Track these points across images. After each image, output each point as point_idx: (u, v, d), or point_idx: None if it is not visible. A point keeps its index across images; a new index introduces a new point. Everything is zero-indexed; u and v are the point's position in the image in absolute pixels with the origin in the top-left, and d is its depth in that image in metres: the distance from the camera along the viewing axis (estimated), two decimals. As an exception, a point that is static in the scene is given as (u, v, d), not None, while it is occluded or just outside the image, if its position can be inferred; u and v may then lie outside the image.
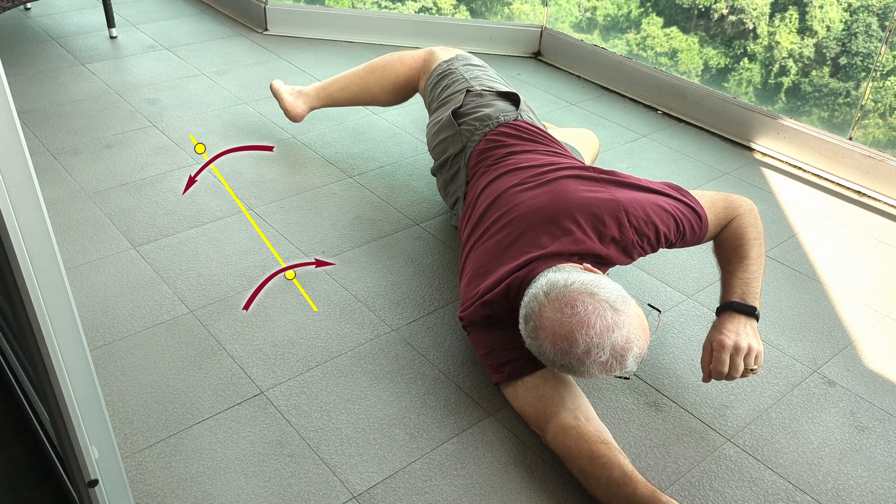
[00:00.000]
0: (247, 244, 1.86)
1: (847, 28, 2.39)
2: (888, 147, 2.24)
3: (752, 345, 1.38)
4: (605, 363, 1.23)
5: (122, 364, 1.50)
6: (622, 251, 1.43)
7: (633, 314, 1.26)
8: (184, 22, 3.18)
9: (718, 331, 1.41)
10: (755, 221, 1.54)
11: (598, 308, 1.23)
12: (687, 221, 1.48)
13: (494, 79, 1.92)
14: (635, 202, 1.44)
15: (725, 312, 1.44)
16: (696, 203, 1.51)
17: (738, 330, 1.40)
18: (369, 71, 2.13)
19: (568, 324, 1.23)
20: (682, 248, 1.55)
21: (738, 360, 1.37)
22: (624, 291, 1.29)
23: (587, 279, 1.27)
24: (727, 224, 1.54)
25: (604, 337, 1.22)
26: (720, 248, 1.55)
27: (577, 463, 1.27)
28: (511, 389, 1.41)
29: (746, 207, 1.55)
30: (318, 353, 1.55)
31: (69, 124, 2.34)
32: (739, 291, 1.46)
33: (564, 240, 1.41)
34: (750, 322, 1.42)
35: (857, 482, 1.34)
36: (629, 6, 2.95)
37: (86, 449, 0.91)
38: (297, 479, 1.29)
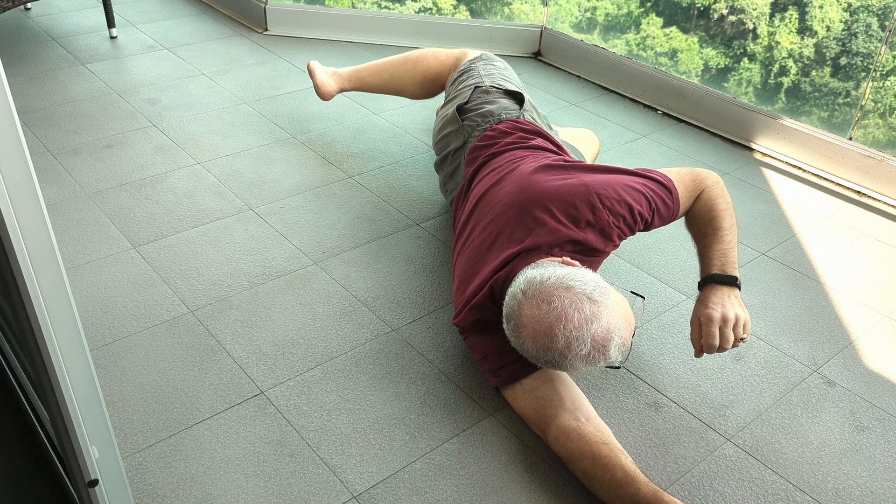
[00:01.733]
0: (247, 244, 1.86)
1: (847, 28, 2.39)
2: (888, 147, 2.24)
3: (738, 314, 1.39)
4: (587, 356, 1.23)
5: (122, 364, 1.50)
6: (600, 234, 1.42)
7: (612, 304, 1.25)
8: (184, 22, 3.18)
9: (704, 304, 1.42)
10: (723, 192, 1.54)
11: (575, 301, 1.23)
12: (658, 197, 1.48)
13: (508, 79, 1.92)
14: (605, 184, 1.44)
15: (708, 285, 1.45)
16: (664, 178, 1.51)
17: (724, 301, 1.40)
18: (403, 61, 2.15)
19: (546, 319, 1.23)
20: (660, 226, 1.53)
21: (727, 332, 1.37)
22: (602, 281, 1.28)
23: (563, 273, 1.27)
24: (697, 197, 1.54)
25: (583, 329, 1.22)
26: (693, 222, 1.55)
27: (580, 465, 1.27)
28: (510, 392, 1.42)
29: (713, 179, 1.55)
30: (318, 353, 1.55)
31: (69, 124, 2.34)
32: (718, 263, 1.46)
33: (539, 231, 1.41)
34: (733, 292, 1.43)
35: (857, 482, 1.34)
36: (629, 6, 2.95)
37: (86, 449, 0.91)
38: (297, 479, 1.29)
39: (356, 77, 2.23)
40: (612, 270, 1.84)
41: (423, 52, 2.13)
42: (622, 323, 1.25)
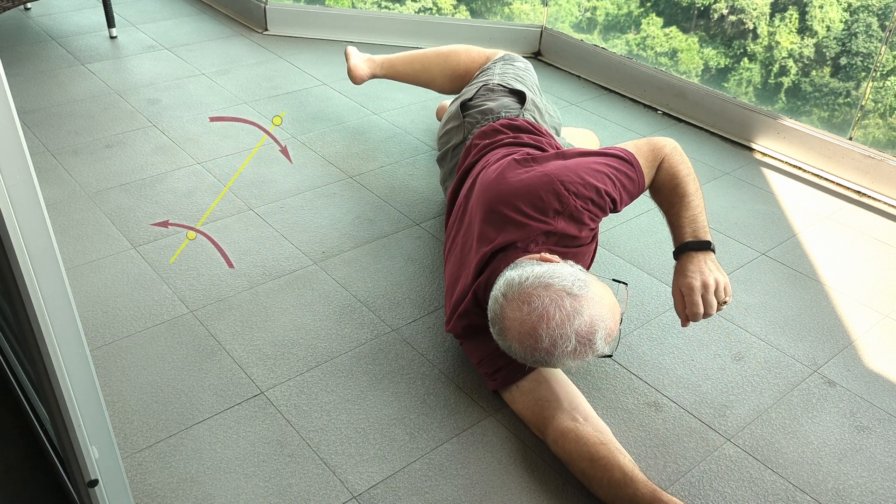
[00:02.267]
0: (247, 244, 1.86)
1: (847, 28, 2.39)
2: (888, 147, 2.24)
3: (717, 278, 1.40)
4: (573, 351, 1.23)
5: (122, 364, 1.50)
6: (571, 220, 1.41)
7: (593, 295, 1.25)
8: (184, 22, 3.18)
9: (682, 274, 1.42)
10: (683, 158, 1.54)
11: (554, 299, 1.23)
12: (621, 173, 1.47)
13: (522, 79, 1.91)
14: (566, 170, 1.44)
15: (683, 254, 1.45)
16: (624, 152, 1.51)
17: (701, 268, 1.41)
18: (436, 55, 2.16)
19: (528, 321, 1.23)
20: (630, 202, 1.52)
21: (709, 298, 1.38)
22: (582, 274, 1.28)
23: (541, 271, 1.27)
24: (659, 167, 1.53)
25: (565, 326, 1.22)
26: (658, 192, 1.55)
27: (579, 466, 1.28)
28: (509, 395, 1.42)
29: (671, 147, 1.55)
30: (318, 353, 1.55)
31: (69, 124, 2.34)
32: (690, 230, 1.46)
33: (509, 228, 1.41)
34: (708, 256, 1.43)
35: (857, 482, 1.34)
36: (629, 6, 2.95)
37: (86, 449, 0.91)
38: (297, 479, 1.29)
39: (388, 65, 2.25)
40: (611, 270, 1.84)
41: (457, 47, 2.14)
42: (606, 313, 1.25)
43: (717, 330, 1.67)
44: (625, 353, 1.59)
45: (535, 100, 1.84)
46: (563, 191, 1.40)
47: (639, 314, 1.70)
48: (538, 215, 1.40)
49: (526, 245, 1.39)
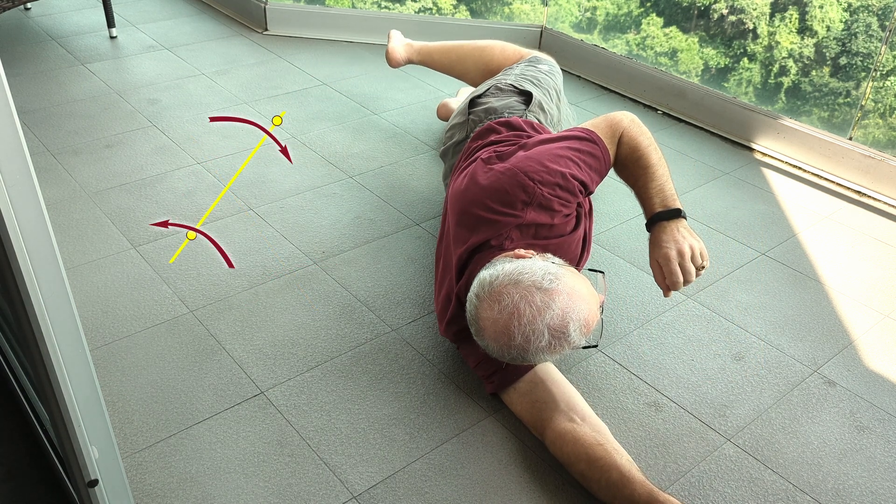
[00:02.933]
0: (247, 244, 1.86)
1: (847, 28, 2.39)
2: (888, 147, 2.24)
3: (692, 245, 1.40)
4: (548, 346, 1.24)
5: (122, 364, 1.50)
6: (540, 208, 1.41)
7: (565, 288, 1.25)
8: (184, 22, 3.18)
9: (657, 245, 1.42)
10: (641, 130, 1.54)
11: (524, 295, 1.23)
12: (584, 153, 1.47)
13: (537, 81, 1.89)
14: (529, 160, 1.44)
15: (655, 225, 1.45)
16: (584, 132, 1.51)
17: (675, 237, 1.41)
18: (472, 47, 2.16)
19: (500, 319, 1.24)
20: (600, 181, 1.52)
21: (687, 265, 1.39)
22: (554, 267, 1.28)
23: (510, 268, 1.27)
24: (619, 142, 1.53)
25: (536, 321, 1.22)
26: (622, 166, 1.54)
27: (577, 468, 1.28)
28: (507, 397, 1.42)
29: (628, 119, 1.54)
30: (318, 353, 1.55)
31: (69, 124, 2.34)
32: (658, 200, 1.46)
33: (482, 227, 1.41)
34: (680, 223, 1.43)
35: (857, 482, 1.34)
36: (629, 6, 2.95)
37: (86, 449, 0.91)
38: (297, 479, 1.29)
39: (425, 52, 2.26)
40: (611, 270, 1.84)
41: (494, 43, 2.14)
42: (580, 304, 1.25)
43: (717, 330, 1.67)
44: (625, 352, 1.59)
45: (543, 101, 1.83)
46: (528, 181, 1.40)
47: (639, 314, 1.70)
48: (507, 209, 1.40)
49: (501, 242, 1.40)
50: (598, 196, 2.11)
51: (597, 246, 1.92)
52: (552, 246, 1.43)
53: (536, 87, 1.87)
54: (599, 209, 2.07)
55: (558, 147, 1.47)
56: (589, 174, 1.46)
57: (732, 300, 1.76)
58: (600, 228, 1.99)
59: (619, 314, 1.70)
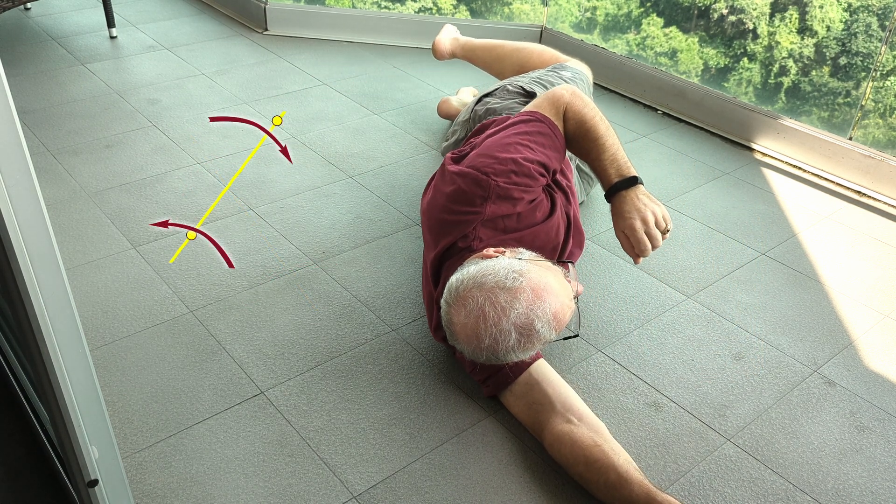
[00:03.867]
0: (247, 244, 1.86)
1: (847, 28, 2.39)
2: (888, 147, 2.24)
3: (654, 210, 1.42)
4: (518, 344, 1.24)
5: (122, 364, 1.50)
6: (499, 199, 1.41)
7: (530, 284, 1.25)
8: (184, 22, 3.18)
9: (621, 216, 1.43)
10: (584, 102, 1.54)
11: (488, 296, 1.24)
12: (533, 135, 1.47)
13: (552, 86, 1.87)
14: (479, 156, 1.45)
15: (614, 196, 1.46)
16: (527, 114, 1.52)
17: (636, 205, 1.42)
18: (513, 49, 2.18)
19: (468, 323, 1.25)
20: (560, 158, 1.52)
21: (652, 231, 1.41)
22: (519, 263, 1.29)
23: (475, 271, 1.28)
24: (564, 117, 1.53)
25: (502, 322, 1.23)
26: (571, 142, 1.54)
27: (575, 470, 1.28)
28: (504, 400, 1.43)
29: (569, 93, 1.54)
30: (318, 353, 1.55)
31: (69, 124, 2.34)
32: (613, 170, 1.47)
33: (447, 230, 1.43)
34: (638, 190, 1.44)
35: (857, 482, 1.34)
36: (629, 6, 2.95)
37: (86, 449, 0.91)
38: (297, 479, 1.29)
39: (469, 47, 2.28)
40: (611, 270, 1.84)
41: (534, 47, 2.15)
42: (547, 299, 1.25)
43: (717, 330, 1.67)
44: (625, 353, 1.59)
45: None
46: (481, 176, 1.41)
47: (639, 314, 1.70)
48: (467, 208, 1.41)
49: (469, 244, 1.41)
50: (598, 196, 2.11)
51: (596, 246, 1.92)
52: (526, 238, 1.43)
53: (544, 90, 1.86)
54: (599, 209, 2.07)
55: (505, 136, 1.48)
56: (544, 153, 1.46)
57: (732, 300, 1.76)
58: (600, 228, 1.99)
59: (619, 314, 1.70)
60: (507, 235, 1.43)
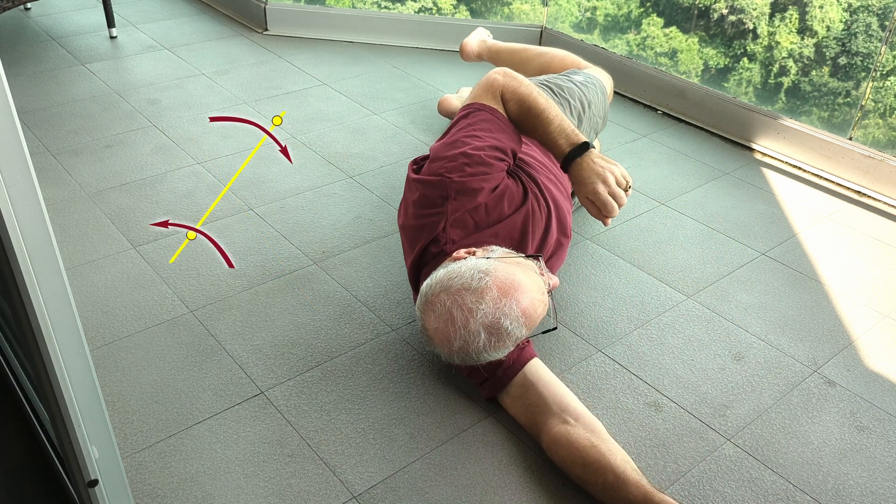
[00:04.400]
0: (247, 244, 1.86)
1: (847, 28, 2.39)
2: (888, 147, 2.24)
3: (612, 170, 1.44)
4: (488, 344, 1.25)
5: (122, 364, 1.50)
6: (461, 194, 1.42)
7: (496, 283, 1.26)
8: (184, 22, 3.18)
9: (582, 183, 1.45)
10: (518, 80, 1.55)
11: (455, 300, 1.25)
12: (477, 124, 1.49)
13: (560, 90, 1.88)
14: (433, 161, 1.48)
15: (570, 165, 1.48)
16: (465, 108, 1.54)
17: (594, 169, 1.45)
18: (536, 53, 2.19)
19: (439, 328, 1.27)
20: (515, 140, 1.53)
21: (615, 191, 1.44)
22: (485, 263, 1.29)
23: (442, 275, 1.29)
24: (503, 99, 1.54)
25: (470, 323, 1.24)
26: (517, 122, 1.56)
27: (574, 472, 1.28)
28: (502, 401, 1.43)
29: (501, 75, 1.55)
30: (318, 353, 1.55)
31: (69, 124, 2.34)
32: (563, 140, 1.49)
33: (417, 235, 1.45)
34: (592, 155, 1.46)
35: (857, 482, 1.34)
36: (629, 6, 2.95)
37: (86, 449, 0.91)
38: (297, 479, 1.29)
39: (495, 50, 2.30)
40: (611, 270, 1.84)
41: (558, 53, 2.16)
42: (515, 296, 1.25)
43: (717, 330, 1.67)
44: (625, 353, 1.59)
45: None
46: (437, 178, 1.43)
47: (639, 314, 1.70)
48: (431, 210, 1.43)
49: (441, 247, 1.42)
50: (598, 196, 2.12)
51: (596, 246, 1.92)
52: (502, 232, 1.44)
53: (552, 95, 1.85)
54: (599, 209, 2.07)
55: (451, 136, 1.50)
56: (492, 137, 1.48)
57: (732, 300, 1.76)
58: (600, 228, 1.99)
59: (619, 314, 1.70)
60: (480, 233, 1.43)
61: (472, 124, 1.49)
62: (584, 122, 1.89)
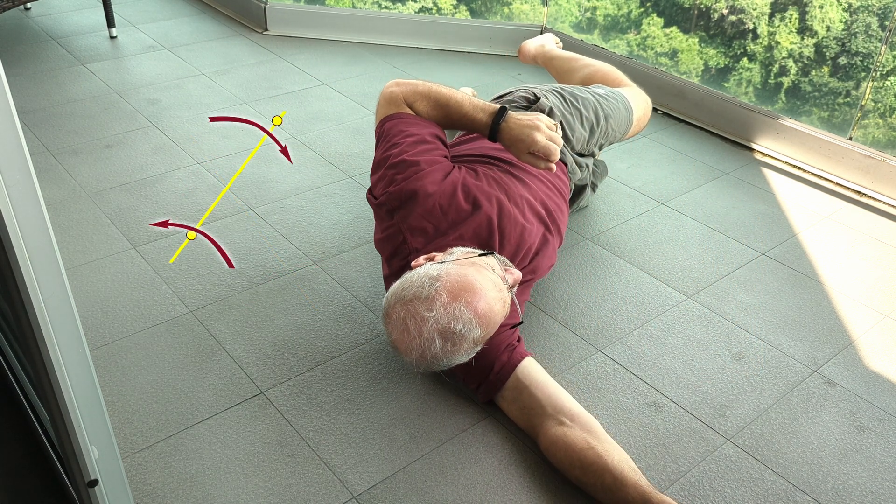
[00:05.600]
0: (247, 244, 1.86)
1: (847, 28, 2.39)
2: (888, 147, 2.24)
3: (535, 123, 1.50)
4: (445, 349, 1.26)
5: (122, 364, 1.50)
6: (403, 203, 1.45)
7: (446, 287, 1.26)
8: (184, 22, 3.18)
9: (518, 140, 1.50)
10: (410, 83, 1.59)
11: (407, 310, 1.26)
12: (385, 138, 1.53)
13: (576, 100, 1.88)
14: (373, 188, 1.53)
15: (499, 133, 1.53)
16: (377, 127, 1.58)
17: (521, 124, 1.50)
18: (583, 65, 2.20)
19: (398, 339, 1.28)
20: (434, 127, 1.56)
21: (550, 134, 1.50)
22: (436, 269, 1.30)
23: (396, 286, 1.31)
24: (408, 104, 1.58)
25: (423, 331, 1.24)
26: (436, 118, 1.59)
27: (572, 474, 1.28)
28: (499, 405, 1.43)
29: (394, 87, 1.59)
30: (318, 353, 1.55)
31: (69, 124, 2.34)
32: (482, 115, 1.54)
33: (385, 246, 1.51)
34: (511, 117, 1.52)
35: (857, 482, 1.34)
36: (629, 6, 2.95)
37: (86, 449, 0.91)
38: (297, 479, 1.29)
39: (550, 56, 2.32)
40: (611, 270, 1.84)
41: (602, 66, 2.16)
42: (467, 298, 1.25)
43: (717, 330, 1.67)
44: (625, 353, 1.59)
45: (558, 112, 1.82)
46: (379, 199, 1.49)
47: (639, 314, 1.70)
48: (387, 223, 1.48)
49: (405, 259, 1.44)
50: (598, 196, 2.12)
51: (596, 246, 1.92)
52: (467, 233, 1.44)
53: (563, 102, 1.85)
54: (599, 209, 2.07)
55: (375, 160, 1.55)
56: (408, 135, 1.51)
57: (732, 300, 1.76)
58: (600, 228, 1.99)
59: (619, 314, 1.70)
60: (443, 238, 1.44)
61: (386, 138, 1.54)
62: (597, 134, 1.88)
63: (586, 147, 1.86)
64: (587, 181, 1.94)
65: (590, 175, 1.94)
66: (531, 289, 1.59)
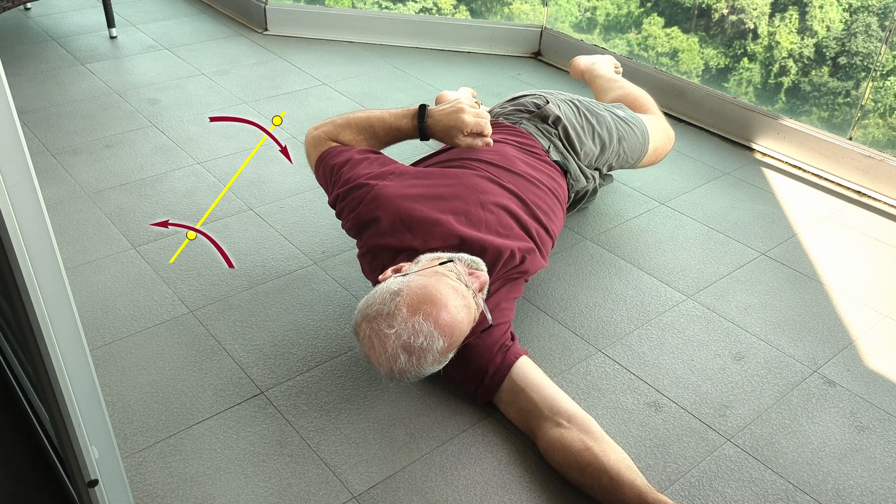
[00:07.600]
0: (247, 244, 1.86)
1: (847, 28, 2.39)
2: (888, 147, 2.24)
3: (459, 105, 1.54)
4: (410, 364, 1.26)
5: (122, 364, 1.50)
6: (361, 226, 1.49)
7: (406, 301, 1.25)
8: (184, 22, 3.18)
9: (451, 128, 1.55)
10: (324, 123, 1.64)
11: (371, 327, 1.27)
12: (329, 176, 1.56)
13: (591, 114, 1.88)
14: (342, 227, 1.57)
15: (429, 129, 1.57)
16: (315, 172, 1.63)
17: (445, 112, 1.55)
18: (618, 86, 2.21)
19: (368, 355, 1.29)
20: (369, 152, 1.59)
21: (476, 111, 1.55)
22: (396, 283, 1.30)
23: (361, 304, 1.32)
24: (334, 140, 1.62)
25: (388, 347, 1.25)
26: (366, 141, 1.63)
27: (571, 476, 1.28)
28: (498, 407, 1.43)
29: (314, 130, 1.63)
30: (318, 353, 1.55)
31: (69, 124, 2.34)
32: (405, 120, 1.59)
33: (363, 265, 1.55)
34: (433, 112, 1.57)
35: (857, 482, 1.34)
36: (629, 6, 2.95)
37: (86, 449, 0.91)
38: (297, 479, 1.29)
39: (595, 74, 2.33)
40: (611, 270, 1.84)
41: (634, 90, 2.17)
42: (428, 311, 1.25)
43: (717, 330, 1.67)
44: (625, 353, 1.59)
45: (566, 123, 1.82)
46: (346, 230, 1.54)
47: (639, 314, 1.70)
48: (360, 244, 1.52)
49: (383, 269, 1.46)
50: (598, 196, 2.11)
51: (596, 246, 1.92)
52: (432, 241, 1.44)
53: (576, 114, 1.84)
54: (599, 209, 2.07)
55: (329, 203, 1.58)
56: (341, 163, 1.54)
57: (732, 300, 1.76)
58: (600, 228, 1.99)
59: (619, 314, 1.70)
60: (410, 248, 1.44)
61: (326, 178, 1.58)
62: (608, 153, 1.87)
63: (594, 163, 1.86)
64: (592, 187, 1.94)
65: (595, 183, 1.94)
66: (523, 286, 1.58)
